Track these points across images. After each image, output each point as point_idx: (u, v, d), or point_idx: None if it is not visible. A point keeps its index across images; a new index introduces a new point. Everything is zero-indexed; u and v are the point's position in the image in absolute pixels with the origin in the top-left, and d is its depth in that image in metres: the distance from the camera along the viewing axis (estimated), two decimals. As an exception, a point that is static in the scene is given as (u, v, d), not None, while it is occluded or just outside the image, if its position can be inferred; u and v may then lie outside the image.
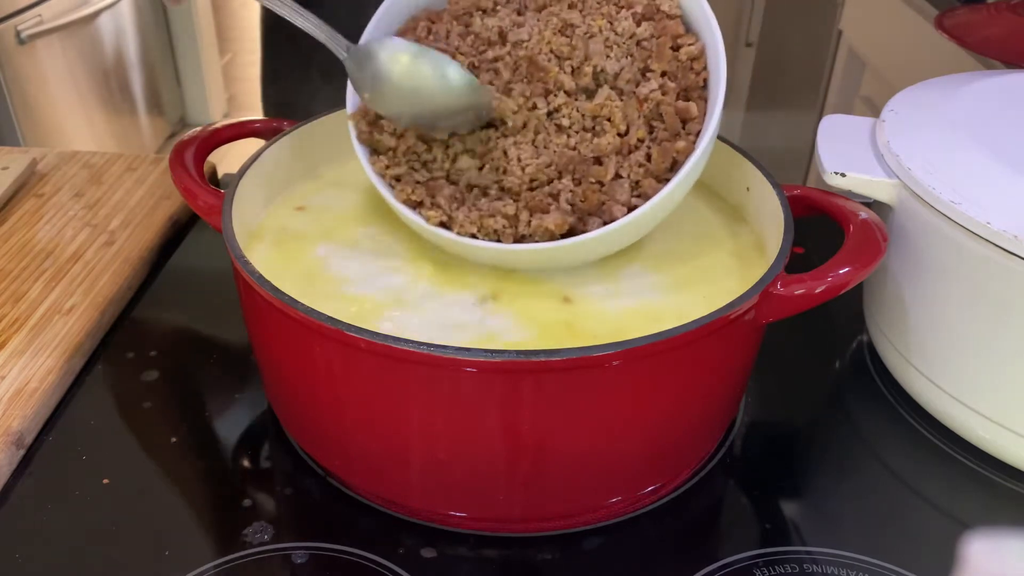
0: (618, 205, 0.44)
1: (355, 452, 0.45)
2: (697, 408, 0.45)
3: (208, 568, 0.42)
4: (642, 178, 0.45)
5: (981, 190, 0.46)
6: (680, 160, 0.45)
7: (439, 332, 0.43)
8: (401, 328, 0.43)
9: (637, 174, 0.45)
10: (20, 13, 1.73)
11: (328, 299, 0.45)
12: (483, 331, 0.44)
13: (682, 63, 0.46)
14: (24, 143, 1.75)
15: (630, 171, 0.45)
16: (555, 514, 0.45)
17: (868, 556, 0.44)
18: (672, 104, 0.45)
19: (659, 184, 0.45)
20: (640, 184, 0.45)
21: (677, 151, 0.45)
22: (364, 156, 0.48)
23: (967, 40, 0.77)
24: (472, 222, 0.45)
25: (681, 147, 0.45)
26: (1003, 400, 0.48)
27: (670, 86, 0.46)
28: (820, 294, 0.43)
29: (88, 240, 0.64)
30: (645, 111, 0.46)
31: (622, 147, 0.46)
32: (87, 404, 0.52)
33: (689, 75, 0.46)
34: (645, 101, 0.46)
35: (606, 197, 0.45)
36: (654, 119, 0.46)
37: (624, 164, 0.45)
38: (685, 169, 0.44)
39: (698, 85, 0.46)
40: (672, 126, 0.45)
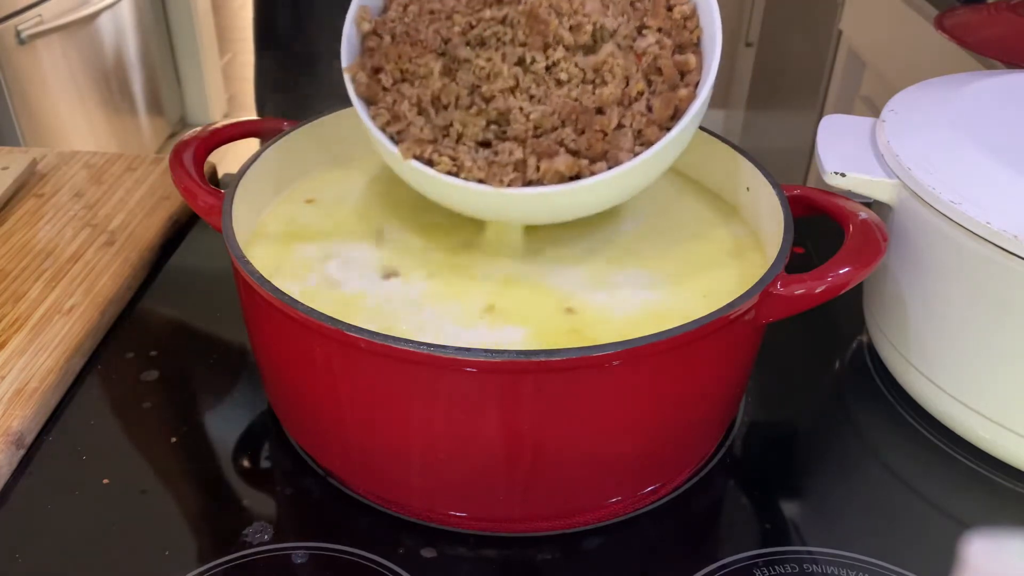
0: (623, 152, 0.45)
1: (355, 452, 0.45)
2: (697, 408, 0.45)
3: (208, 568, 0.42)
4: (645, 127, 0.45)
5: (981, 190, 0.46)
6: (682, 108, 0.45)
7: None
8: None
9: (640, 123, 0.46)
10: (20, 13, 1.73)
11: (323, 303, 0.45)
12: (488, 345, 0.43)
13: (676, 21, 0.47)
14: (24, 143, 1.75)
15: (633, 120, 0.46)
16: (555, 514, 0.45)
17: (868, 556, 0.44)
18: (669, 58, 0.46)
19: (662, 132, 0.45)
20: (643, 133, 0.45)
21: (680, 99, 0.45)
22: (363, 111, 0.47)
23: (967, 40, 0.77)
24: (480, 168, 0.45)
25: (683, 95, 0.45)
26: (1003, 400, 0.48)
27: (666, 42, 0.47)
28: (820, 294, 0.43)
29: (88, 240, 0.64)
30: (643, 65, 0.46)
31: (623, 98, 0.46)
32: (87, 404, 0.52)
33: (683, 33, 0.47)
34: (643, 55, 0.46)
35: (610, 145, 0.45)
36: (652, 73, 0.47)
37: (626, 114, 0.46)
38: (690, 114, 0.45)
39: (692, 42, 0.47)
40: (671, 78, 0.46)
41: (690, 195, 0.56)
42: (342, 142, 0.57)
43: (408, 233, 0.51)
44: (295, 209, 0.53)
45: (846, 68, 1.41)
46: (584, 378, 0.39)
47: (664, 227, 0.52)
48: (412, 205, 0.54)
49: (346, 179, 0.56)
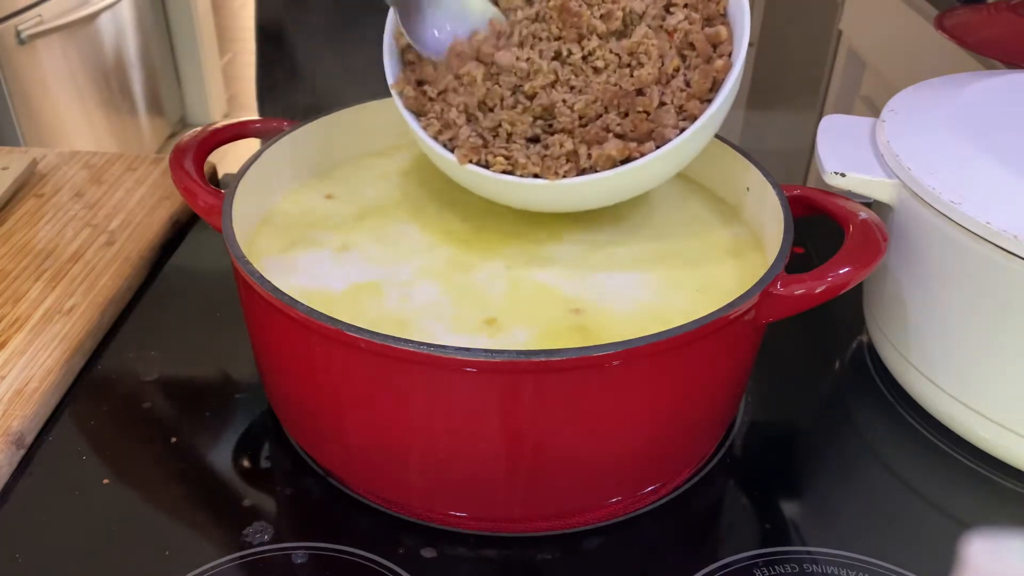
0: (669, 128, 0.46)
1: (355, 452, 0.45)
2: (697, 408, 0.45)
3: (208, 568, 0.42)
4: (685, 101, 0.47)
5: (981, 190, 0.46)
6: (720, 78, 0.47)
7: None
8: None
9: (680, 98, 0.47)
10: (20, 13, 1.73)
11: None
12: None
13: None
14: (24, 143, 1.75)
15: (673, 97, 0.47)
16: (555, 514, 0.45)
17: (868, 556, 0.44)
18: (700, 32, 0.48)
19: (703, 104, 0.47)
20: (685, 107, 0.47)
21: (717, 70, 0.47)
22: (414, 122, 0.49)
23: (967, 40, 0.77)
24: (534, 163, 0.46)
25: (720, 65, 0.47)
26: (1003, 400, 0.48)
27: (695, 16, 0.48)
28: (820, 294, 0.43)
29: (88, 240, 0.64)
30: (676, 42, 0.48)
31: (661, 77, 0.47)
32: (87, 404, 0.52)
33: (710, 5, 0.49)
34: (675, 32, 0.48)
35: (655, 124, 0.46)
36: (685, 48, 0.48)
37: (666, 92, 0.47)
38: (728, 84, 0.46)
39: (719, 13, 0.49)
40: (704, 51, 0.47)
41: (691, 195, 0.55)
42: (342, 142, 0.57)
43: (413, 231, 0.51)
44: (295, 209, 0.53)
45: (846, 68, 1.40)
46: (584, 378, 0.39)
47: (664, 227, 0.52)
48: (413, 205, 0.54)
49: (346, 179, 0.56)
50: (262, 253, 0.49)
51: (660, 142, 0.46)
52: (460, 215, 0.52)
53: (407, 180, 0.56)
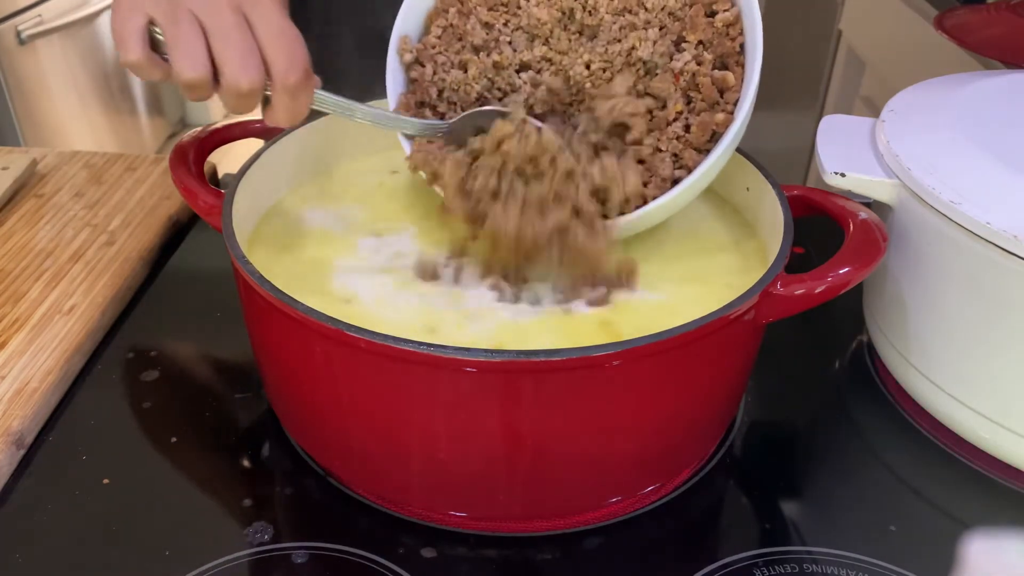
0: (663, 179, 0.46)
1: (355, 452, 0.45)
2: (697, 408, 0.45)
3: (208, 568, 0.42)
4: (682, 150, 0.46)
5: (981, 190, 0.46)
6: (719, 131, 0.45)
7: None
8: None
9: (676, 147, 0.46)
10: (20, 13, 1.73)
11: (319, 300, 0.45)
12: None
13: (718, 30, 0.46)
14: (24, 143, 1.75)
15: (669, 144, 0.46)
16: (555, 514, 0.45)
17: (868, 556, 0.44)
18: (708, 75, 0.46)
19: (699, 156, 0.46)
20: (681, 156, 0.46)
21: (716, 123, 0.45)
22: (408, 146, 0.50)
23: (967, 40, 0.77)
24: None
25: (720, 119, 0.45)
26: (1003, 400, 0.48)
27: (706, 56, 0.46)
28: (820, 294, 0.43)
29: (88, 240, 0.64)
30: (681, 84, 0.46)
31: (660, 121, 0.47)
32: (87, 404, 0.52)
33: (725, 42, 0.46)
34: (681, 74, 0.46)
35: (650, 173, 0.46)
36: (691, 90, 0.46)
37: (662, 137, 0.46)
38: (726, 140, 0.45)
39: (734, 51, 0.46)
40: (709, 97, 0.46)
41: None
42: (343, 142, 0.57)
43: (415, 231, 0.51)
44: (295, 208, 0.53)
45: (846, 68, 1.40)
46: (584, 378, 0.39)
47: (665, 227, 0.52)
48: (415, 205, 0.54)
49: (347, 178, 0.56)
50: (262, 253, 0.49)
51: (654, 192, 0.46)
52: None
53: (408, 179, 0.56)
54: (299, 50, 0.42)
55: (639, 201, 0.46)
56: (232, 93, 0.41)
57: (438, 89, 0.50)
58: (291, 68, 0.42)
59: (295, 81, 0.42)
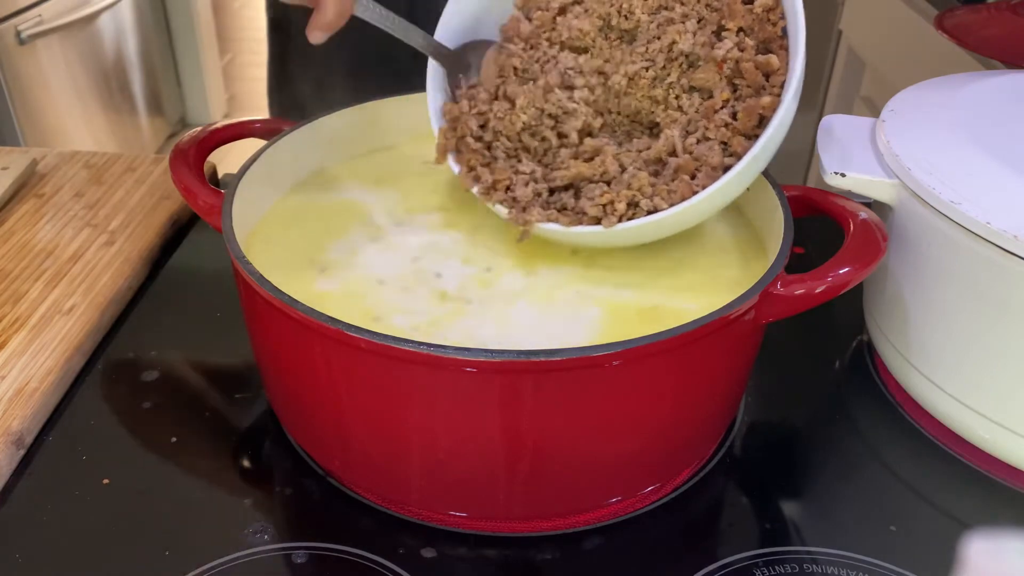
0: (715, 168, 0.45)
1: (355, 452, 0.45)
2: (697, 408, 0.45)
3: (208, 568, 0.42)
4: (730, 137, 0.45)
5: (981, 190, 0.46)
6: (767, 115, 0.45)
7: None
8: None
9: (724, 134, 0.45)
10: (20, 13, 1.73)
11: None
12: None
13: (757, 15, 0.46)
14: (24, 143, 1.75)
15: (717, 132, 0.46)
16: (555, 514, 0.45)
17: (868, 556, 0.44)
18: (751, 59, 0.45)
19: (748, 142, 0.45)
20: (729, 144, 0.45)
21: (763, 107, 0.45)
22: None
23: (967, 40, 0.77)
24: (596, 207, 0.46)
25: (766, 102, 0.45)
26: (1003, 400, 0.48)
27: (748, 42, 0.46)
28: (820, 294, 0.43)
29: (88, 240, 0.64)
30: (725, 71, 0.46)
31: (707, 110, 0.46)
32: (87, 404, 0.52)
33: (767, 27, 0.46)
34: (724, 62, 0.46)
35: (699, 162, 0.45)
36: (736, 77, 0.46)
37: (710, 126, 0.46)
38: (774, 123, 0.44)
39: (777, 35, 0.46)
40: (755, 82, 0.45)
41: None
42: (343, 142, 0.57)
43: (416, 231, 0.51)
44: (295, 208, 0.53)
45: (846, 68, 1.40)
46: (584, 378, 0.39)
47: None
48: (417, 204, 0.54)
49: (347, 178, 0.56)
50: (262, 253, 0.49)
51: (704, 182, 0.45)
52: (462, 217, 0.52)
53: (409, 179, 0.56)
54: None
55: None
56: None
57: (479, 123, 0.50)
58: None
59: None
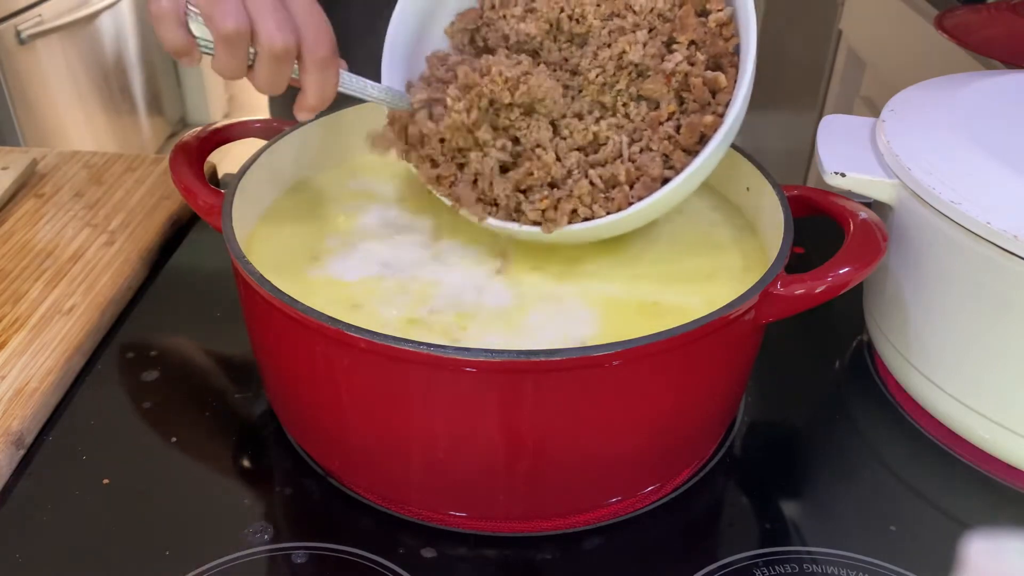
0: (653, 180, 0.45)
1: (355, 452, 0.45)
2: (697, 408, 0.45)
3: (208, 568, 0.42)
4: (671, 151, 0.46)
5: (981, 190, 0.46)
6: (708, 134, 0.45)
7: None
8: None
9: (666, 147, 0.46)
10: (20, 13, 1.73)
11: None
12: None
13: (710, 30, 0.46)
14: (24, 143, 1.75)
15: (660, 144, 0.46)
16: (555, 514, 0.45)
17: (868, 556, 0.44)
18: (700, 75, 0.45)
19: (688, 157, 0.45)
20: (671, 157, 0.46)
21: (704, 125, 0.45)
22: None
23: (967, 40, 0.77)
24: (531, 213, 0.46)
25: (708, 122, 0.45)
26: (1003, 400, 0.48)
27: (699, 57, 0.46)
28: (820, 294, 0.43)
29: (88, 240, 0.64)
30: (673, 84, 0.46)
31: (652, 121, 0.46)
32: (87, 404, 0.52)
33: (718, 42, 0.46)
34: (672, 75, 0.46)
35: (640, 172, 0.46)
36: (684, 90, 0.46)
37: (654, 137, 0.46)
38: (713, 143, 0.44)
39: (728, 51, 0.46)
40: (701, 97, 0.46)
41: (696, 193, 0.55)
42: (342, 141, 0.57)
43: (417, 230, 0.51)
44: (295, 208, 0.53)
45: (846, 68, 1.40)
46: (584, 378, 0.39)
47: (665, 226, 0.52)
48: (417, 203, 0.54)
49: (347, 178, 0.56)
50: (262, 253, 0.49)
51: (641, 192, 0.45)
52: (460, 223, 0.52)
53: (409, 179, 0.56)
54: (327, 26, 0.44)
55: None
56: (267, 53, 0.42)
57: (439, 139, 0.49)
58: (320, 41, 0.43)
59: (324, 55, 0.43)
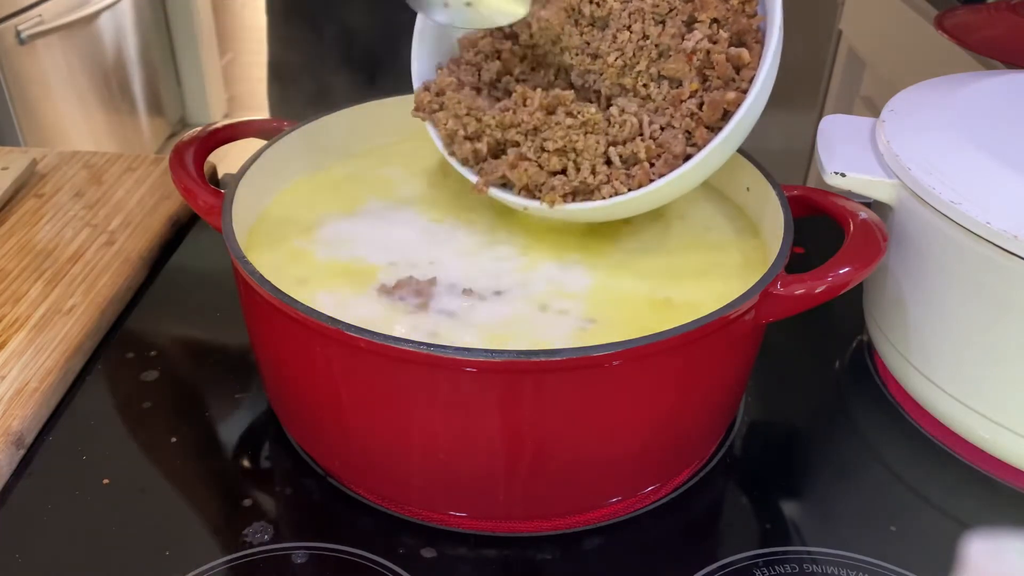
0: (675, 157, 0.45)
1: (355, 452, 0.45)
2: (697, 408, 0.45)
3: (208, 568, 0.42)
4: (694, 128, 0.46)
5: (981, 190, 0.46)
6: (731, 111, 0.45)
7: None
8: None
9: (689, 124, 0.46)
10: (20, 13, 1.73)
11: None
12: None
13: (733, 7, 0.46)
14: (24, 143, 1.75)
15: (682, 121, 0.46)
16: (555, 514, 0.45)
17: (868, 556, 0.44)
18: (723, 52, 0.45)
19: (711, 134, 0.45)
20: (693, 135, 0.46)
21: (727, 102, 0.45)
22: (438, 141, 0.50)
23: (967, 40, 0.77)
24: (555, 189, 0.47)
25: (731, 98, 0.45)
26: (1003, 400, 0.48)
27: (721, 35, 0.46)
28: (820, 294, 0.43)
29: (88, 240, 0.64)
30: (695, 63, 0.46)
31: (675, 99, 0.46)
32: (87, 404, 0.52)
33: (741, 19, 0.46)
34: (694, 53, 0.46)
35: (661, 149, 0.46)
36: (707, 68, 0.46)
37: (676, 114, 0.46)
38: (736, 119, 0.44)
39: (752, 28, 0.46)
40: (724, 74, 0.45)
41: (697, 193, 0.55)
42: (342, 141, 0.57)
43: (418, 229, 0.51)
44: (296, 208, 0.53)
45: (846, 68, 1.40)
46: (584, 378, 0.39)
47: (665, 225, 0.52)
48: (417, 202, 0.54)
49: (347, 177, 0.56)
50: (262, 253, 0.49)
51: (663, 170, 0.45)
52: (461, 214, 0.52)
53: (410, 178, 0.56)
54: None
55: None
56: None
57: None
58: None
59: None
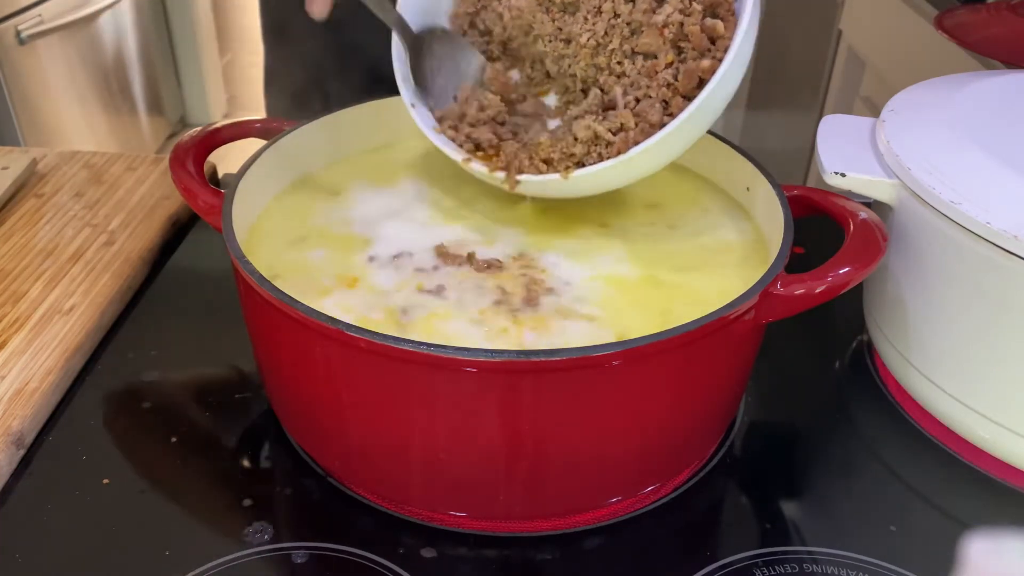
0: (652, 126, 0.46)
1: (355, 452, 0.45)
2: (697, 408, 0.45)
3: (208, 568, 0.42)
4: (670, 97, 0.46)
5: (981, 190, 0.46)
6: (707, 78, 0.45)
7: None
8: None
9: (665, 94, 0.46)
10: (20, 13, 1.73)
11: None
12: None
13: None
14: (24, 143, 1.75)
15: (658, 91, 0.46)
16: (555, 514, 0.45)
17: (868, 556, 0.44)
18: (697, 23, 0.46)
19: (688, 103, 0.45)
20: (670, 104, 0.46)
21: (702, 70, 0.45)
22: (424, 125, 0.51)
23: (967, 40, 0.77)
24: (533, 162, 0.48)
25: (706, 65, 0.45)
26: (1003, 400, 0.48)
27: (695, 7, 0.46)
28: (820, 294, 0.43)
29: (88, 240, 0.64)
30: (668, 36, 0.46)
31: (650, 69, 0.47)
32: (87, 404, 0.52)
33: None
34: (666, 27, 0.46)
35: (639, 118, 0.46)
36: (681, 40, 0.46)
37: (652, 84, 0.46)
38: (711, 84, 0.44)
39: (725, 1, 0.46)
40: (699, 45, 0.46)
41: (701, 192, 0.55)
42: (342, 141, 0.57)
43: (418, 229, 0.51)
44: (296, 208, 0.53)
45: (846, 68, 1.41)
46: (584, 378, 0.39)
47: (664, 225, 0.52)
48: (417, 202, 0.54)
49: (347, 177, 0.56)
50: (263, 253, 0.49)
51: (640, 138, 0.46)
52: (460, 212, 0.52)
53: (410, 178, 0.56)
54: None
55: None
56: None
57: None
58: None
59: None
